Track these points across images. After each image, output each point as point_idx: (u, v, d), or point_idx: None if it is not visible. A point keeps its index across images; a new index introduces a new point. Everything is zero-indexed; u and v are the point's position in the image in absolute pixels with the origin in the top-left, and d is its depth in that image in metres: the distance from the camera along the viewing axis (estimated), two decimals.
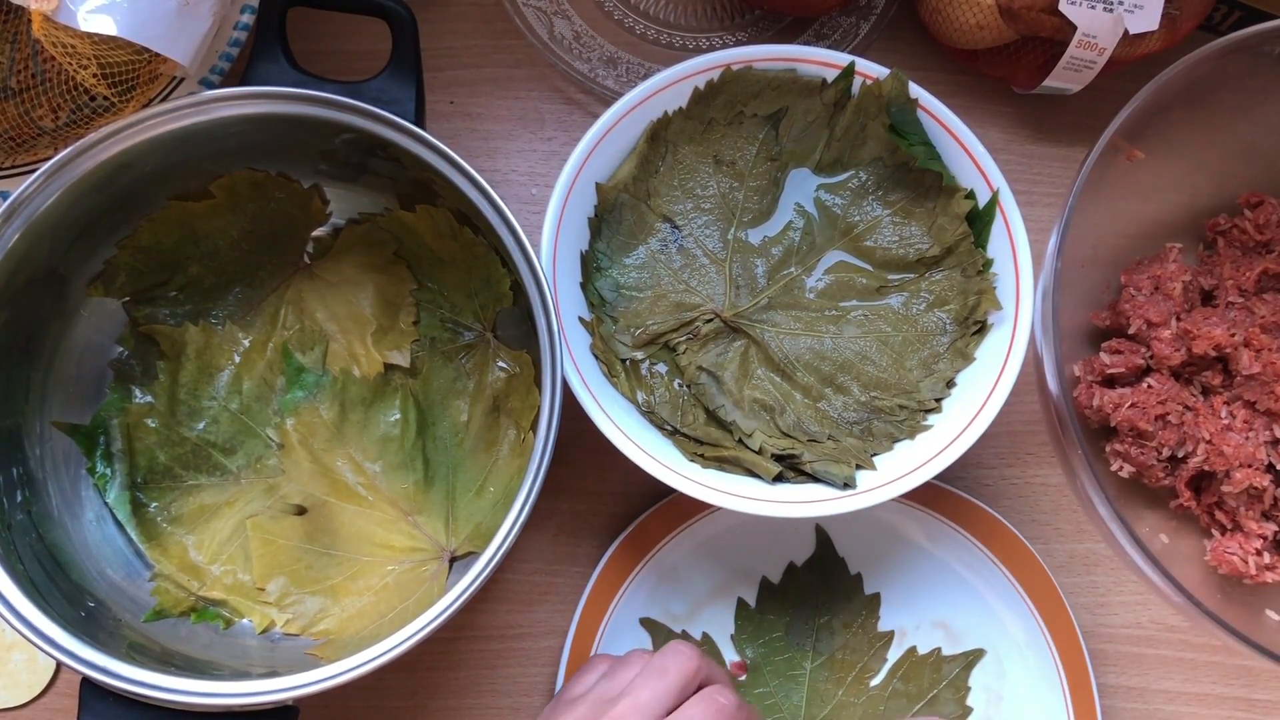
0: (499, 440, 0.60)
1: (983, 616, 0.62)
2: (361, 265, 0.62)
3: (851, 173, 0.60)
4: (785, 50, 0.57)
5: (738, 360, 0.58)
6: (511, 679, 0.62)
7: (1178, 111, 0.57)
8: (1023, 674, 0.61)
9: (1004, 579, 0.61)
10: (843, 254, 0.59)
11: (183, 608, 0.58)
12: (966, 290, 0.58)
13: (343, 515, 0.59)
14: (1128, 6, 0.57)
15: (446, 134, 0.65)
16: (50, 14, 0.47)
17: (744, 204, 0.59)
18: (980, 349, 0.57)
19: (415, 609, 0.52)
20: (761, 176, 0.59)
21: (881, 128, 0.58)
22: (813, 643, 0.61)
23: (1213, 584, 0.58)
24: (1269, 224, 0.61)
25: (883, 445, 0.57)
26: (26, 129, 0.56)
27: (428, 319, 0.62)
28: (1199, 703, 0.63)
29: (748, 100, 0.58)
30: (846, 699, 0.61)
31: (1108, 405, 0.59)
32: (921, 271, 0.59)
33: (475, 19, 0.67)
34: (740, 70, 0.57)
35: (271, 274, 0.62)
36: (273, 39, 0.54)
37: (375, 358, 0.61)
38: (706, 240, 0.59)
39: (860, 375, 0.58)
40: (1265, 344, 0.58)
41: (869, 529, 0.62)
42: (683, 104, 0.58)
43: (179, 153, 0.54)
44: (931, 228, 0.58)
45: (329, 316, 0.62)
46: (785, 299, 0.59)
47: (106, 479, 0.59)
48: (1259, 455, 0.57)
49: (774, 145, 0.59)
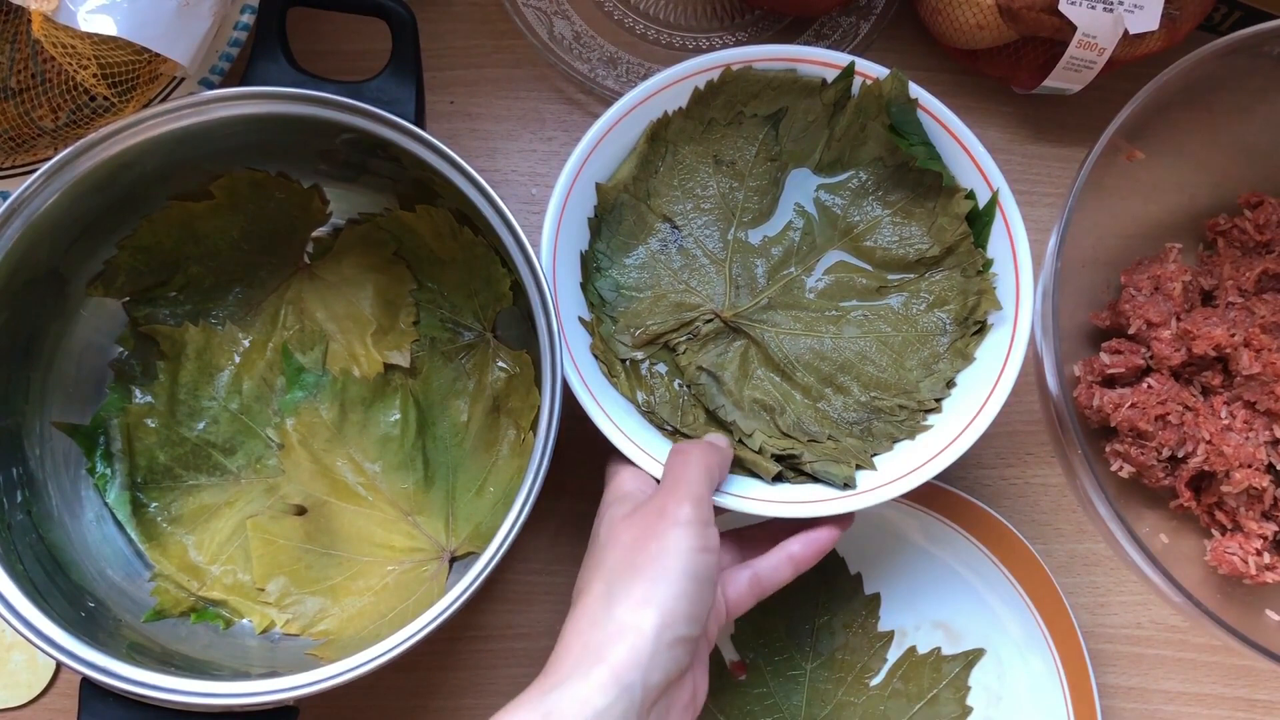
0: (499, 440, 0.60)
1: (982, 616, 0.62)
2: (361, 265, 0.62)
3: (851, 173, 0.59)
4: (785, 50, 0.57)
5: (737, 360, 0.58)
6: (511, 679, 0.62)
7: (1178, 111, 0.57)
8: (1023, 674, 0.61)
9: (1003, 579, 0.61)
10: (843, 254, 0.59)
11: (183, 608, 0.58)
12: (966, 290, 0.58)
13: (343, 515, 0.59)
14: (1128, 6, 0.57)
15: (446, 134, 0.65)
16: (50, 14, 0.47)
17: (744, 204, 0.59)
18: (980, 349, 0.57)
19: (415, 609, 0.52)
20: (761, 176, 0.59)
21: (881, 128, 0.58)
22: (812, 643, 0.61)
23: (1213, 584, 0.58)
24: (1269, 224, 0.61)
25: (883, 445, 0.57)
26: (26, 129, 0.56)
27: (428, 319, 0.62)
28: (1199, 703, 0.63)
29: (747, 100, 0.58)
30: (846, 699, 0.61)
31: (1108, 405, 0.59)
32: (921, 271, 0.59)
33: (475, 19, 0.67)
34: (740, 70, 0.57)
35: (271, 274, 0.62)
36: (272, 39, 0.54)
37: (375, 358, 0.61)
38: (706, 240, 0.59)
39: (860, 375, 0.58)
40: (1265, 344, 0.58)
41: (869, 528, 0.62)
42: (682, 104, 0.58)
43: (179, 153, 0.54)
44: (931, 228, 0.58)
45: (329, 316, 0.62)
46: (785, 299, 0.59)
47: (106, 479, 0.59)
48: (1259, 455, 0.57)
49: (774, 145, 0.59)
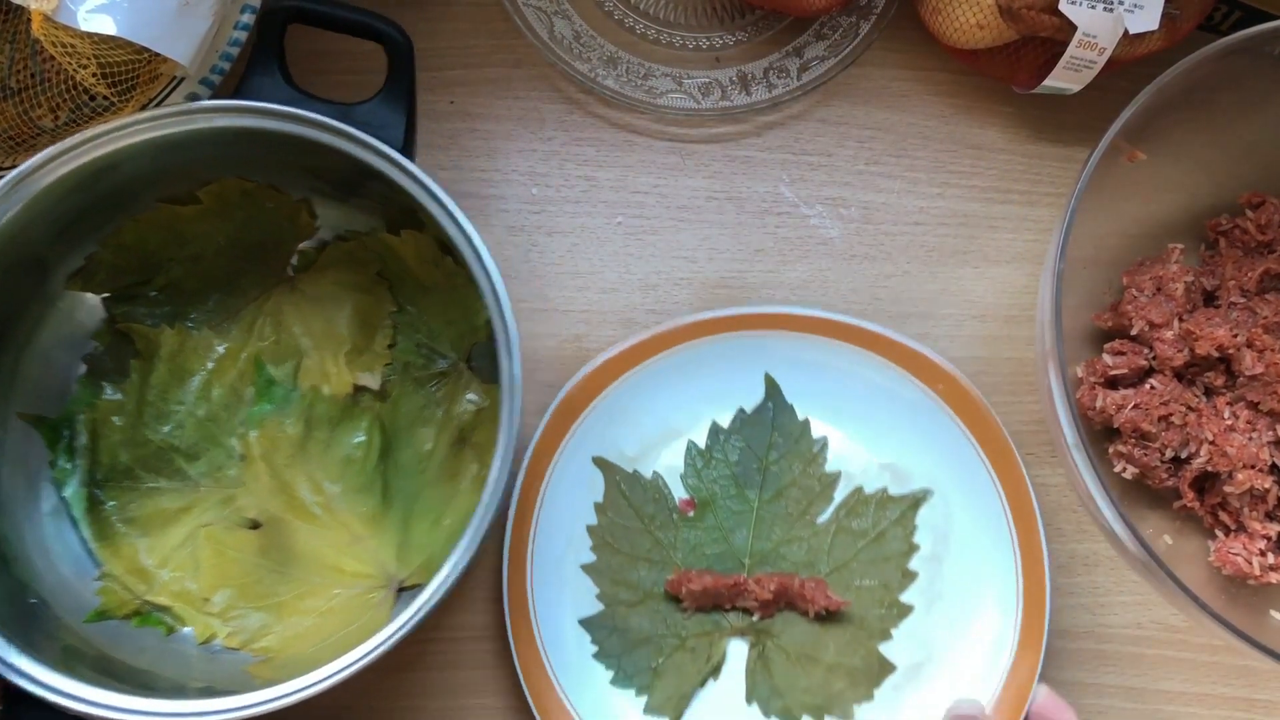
0: (461, 473, 0.60)
1: (929, 458, 0.62)
2: (343, 283, 0.61)
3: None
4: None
5: None
6: (512, 679, 0.61)
7: (1179, 112, 0.57)
8: (970, 513, 0.62)
9: (950, 421, 0.61)
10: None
11: (126, 610, 0.57)
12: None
13: (296, 533, 0.59)
14: (1128, 6, 0.57)
15: (446, 134, 0.65)
16: (50, 13, 0.47)
17: None
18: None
19: (358, 636, 0.51)
20: None
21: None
22: (760, 482, 0.63)
23: (1217, 585, 0.58)
24: (1271, 224, 0.61)
25: None
26: (26, 129, 0.55)
27: (404, 343, 0.61)
28: (1199, 703, 0.63)
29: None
30: (793, 534, 0.62)
31: (1110, 406, 0.59)
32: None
33: (475, 19, 0.66)
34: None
35: (253, 283, 0.61)
36: (269, 53, 0.53)
37: (346, 377, 0.61)
38: None
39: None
40: (1268, 344, 0.58)
41: (818, 375, 0.63)
42: None
43: (168, 157, 0.54)
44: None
45: (305, 331, 0.61)
46: None
47: (66, 474, 0.58)
48: (1262, 456, 0.57)
49: None
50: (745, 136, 0.66)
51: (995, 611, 0.60)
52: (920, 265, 0.66)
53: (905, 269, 0.65)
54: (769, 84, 0.65)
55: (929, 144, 0.67)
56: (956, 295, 0.66)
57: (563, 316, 0.63)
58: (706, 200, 0.66)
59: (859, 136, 0.67)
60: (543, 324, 0.64)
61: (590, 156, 0.66)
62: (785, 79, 0.65)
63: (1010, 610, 0.60)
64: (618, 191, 0.66)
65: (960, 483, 0.62)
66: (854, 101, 0.67)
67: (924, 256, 0.66)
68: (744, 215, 0.66)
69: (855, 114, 0.67)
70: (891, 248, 0.66)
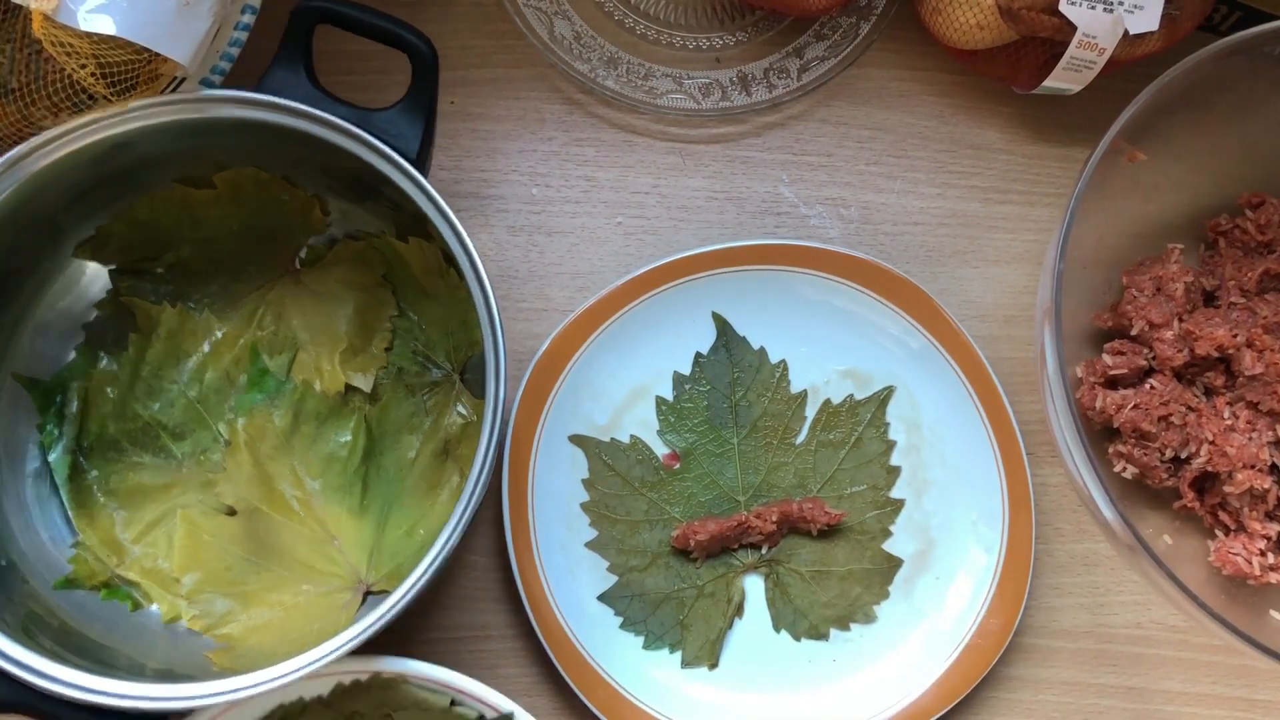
0: (441, 484, 0.60)
1: (884, 355, 0.64)
2: (348, 281, 0.61)
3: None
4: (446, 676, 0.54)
5: None
6: (511, 679, 0.62)
7: (1179, 113, 0.57)
8: (932, 396, 0.64)
9: (895, 314, 0.63)
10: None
11: (96, 580, 0.58)
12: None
13: (271, 525, 0.59)
14: (1128, 7, 0.57)
15: (447, 134, 0.65)
16: (50, 13, 0.47)
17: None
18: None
19: (319, 635, 0.51)
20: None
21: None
22: (734, 419, 0.64)
23: (1217, 585, 0.58)
24: (1270, 224, 0.61)
25: None
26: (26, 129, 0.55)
27: (400, 348, 0.61)
28: (1199, 703, 0.63)
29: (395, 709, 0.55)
30: (777, 461, 0.63)
31: (1110, 406, 0.59)
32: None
33: (475, 19, 0.66)
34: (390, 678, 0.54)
35: (259, 271, 0.62)
36: (296, 50, 0.53)
37: (339, 376, 0.61)
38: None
39: None
40: (1268, 344, 0.58)
41: (763, 302, 0.64)
42: (323, 693, 0.54)
43: (185, 141, 0.54)
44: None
45: (304, 325, 0.62)
46: None
47: (53, 439, 0.59)
48: (1262, 456, 0.57)
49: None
50: (745, 137, 0.67)
51: (980, 482, 0.62)
52: (920, 265, 0.66)
53: (905, 269, 0.65)
54: (769, 84, 0.65)
55: (929, 144, 0.67)
56: (956, 295, 0.66)
57: (563, 317, 0.63)
58: (706, 200, 0.66)
59: (859, 137, 0.67)
60: (543, 324, 0.64)
61: (590, 157, 0.66)
62: (785, 79, 0.65)
63: (992, 475, 0.62)
64: (618, 191, 0.66)
65: (918, 369, 0.64)
66: (854, 102, 0.67)
67: (924, 256, 0.66)
68: (744, 215, 0.66)
69: (855, 114, 0.67)
70: (891, 248, 0.66)
